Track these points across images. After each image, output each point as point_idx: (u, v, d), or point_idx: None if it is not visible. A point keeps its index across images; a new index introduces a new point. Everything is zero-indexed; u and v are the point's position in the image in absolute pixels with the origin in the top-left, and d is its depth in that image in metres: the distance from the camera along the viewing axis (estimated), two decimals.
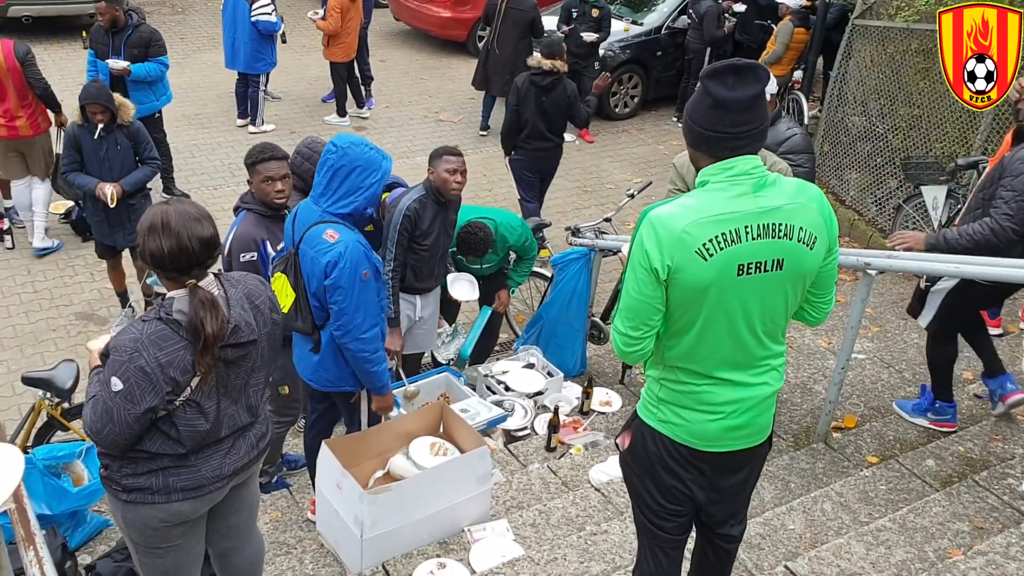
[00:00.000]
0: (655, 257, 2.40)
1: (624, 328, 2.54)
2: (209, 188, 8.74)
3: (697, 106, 2.47)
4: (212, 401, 2.79)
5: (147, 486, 2.83)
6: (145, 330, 2.65)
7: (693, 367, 2.55)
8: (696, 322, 2.47)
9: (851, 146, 8.62)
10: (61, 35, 11.83)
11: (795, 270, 2.48)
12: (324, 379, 4.08)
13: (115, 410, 2.63)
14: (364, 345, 3.85)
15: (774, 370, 2.63)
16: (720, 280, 2.40)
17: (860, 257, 4.43)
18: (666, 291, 2.45)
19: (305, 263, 3.84)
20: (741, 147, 2.42)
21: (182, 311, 2.67)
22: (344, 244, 3.72)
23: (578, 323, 5.89)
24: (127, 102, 6.06)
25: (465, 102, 11.43)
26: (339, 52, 9.97)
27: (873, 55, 8.34)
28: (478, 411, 5.08)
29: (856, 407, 5.29)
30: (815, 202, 2.49)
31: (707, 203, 2.42)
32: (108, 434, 2.67)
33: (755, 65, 2.42)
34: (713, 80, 2.41)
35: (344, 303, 3.76)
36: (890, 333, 6.33)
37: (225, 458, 2.95)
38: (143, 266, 2.81)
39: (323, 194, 3.81)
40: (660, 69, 11.24)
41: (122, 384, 2.62)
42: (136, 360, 2.61)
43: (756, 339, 2.53)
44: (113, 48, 7.58)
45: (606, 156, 10.35)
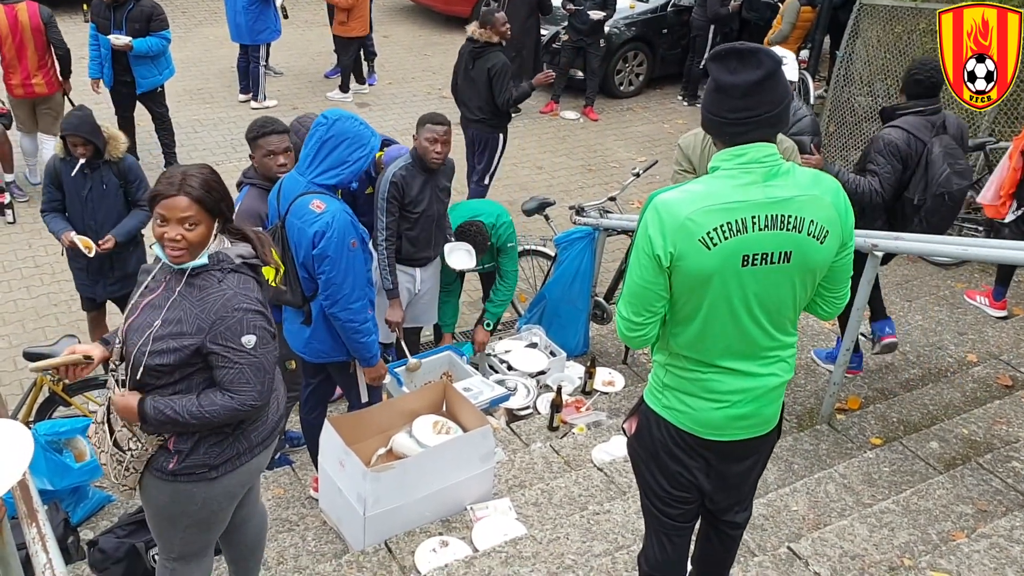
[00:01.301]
0: (658, 243, 2.36)
1: (627, 313, 2.51)
2: (211, 163, 8.65)
3: (706, 90, 2.45)
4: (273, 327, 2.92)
5: (234, 453, 2.90)
6: (229, 285, 2.72)
7: (698, 355, 2.52)
8: (700, 311, 2.43)
9: (857, 126, 8.56)
10: (62, 8, 11.72)
11: (803, 264, 2.42)
12: (317, 350, 4.08)
13: (262, 360, 2.74)
14: (352, 315, 3.86)
15: (783, 361, 2.58)
16: (723, 269, 2.36)
17: (867, 239, 4.40)
18: (669, 278, 2.41)
19: (292, 234, 3.84)
20: (742, 133, 2.36)
21: (240, 255, 2.79)
22: (331, 214, 3.72)
23: (581, 303, 5.87)
24: (117, 135, 5.08)
25: None
26: (357, 27, 9.85)
27: (880, 35, 8.26)
28: (481, 390, 5.07)
29: (860, 389, 5.27)
30: (830, 195, 2.42)
31: (715, 190, 2.37)
32: (266, 388, 2.79)
33: (759, 49, 2.35)
34: (716, 64, 2.36)
35: (332, 273, 3.76)
36: (894, 315, 6.28)
37: (278, 399, 3.07)
38: (209, 231, 2.74)
39: (310, 165, 3.82)
40: (665, 47, 11.17)
41: (255, 336, 2.71)
42: (249, 306, 2.71)
43: (761, 330, 2.48)
44: (115, 22, 7.53)
45: (610, 134, 10.30)
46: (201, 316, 2.68)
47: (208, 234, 2.74)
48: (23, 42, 7.22)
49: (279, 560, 3.94)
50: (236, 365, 2.69)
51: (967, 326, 6.02)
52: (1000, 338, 5.84)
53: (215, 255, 2.76)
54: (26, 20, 7.20)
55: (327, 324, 3.97)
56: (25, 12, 7.21)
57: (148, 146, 8.51)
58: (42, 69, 7.38)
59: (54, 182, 5.05)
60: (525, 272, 6.84)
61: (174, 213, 2.68)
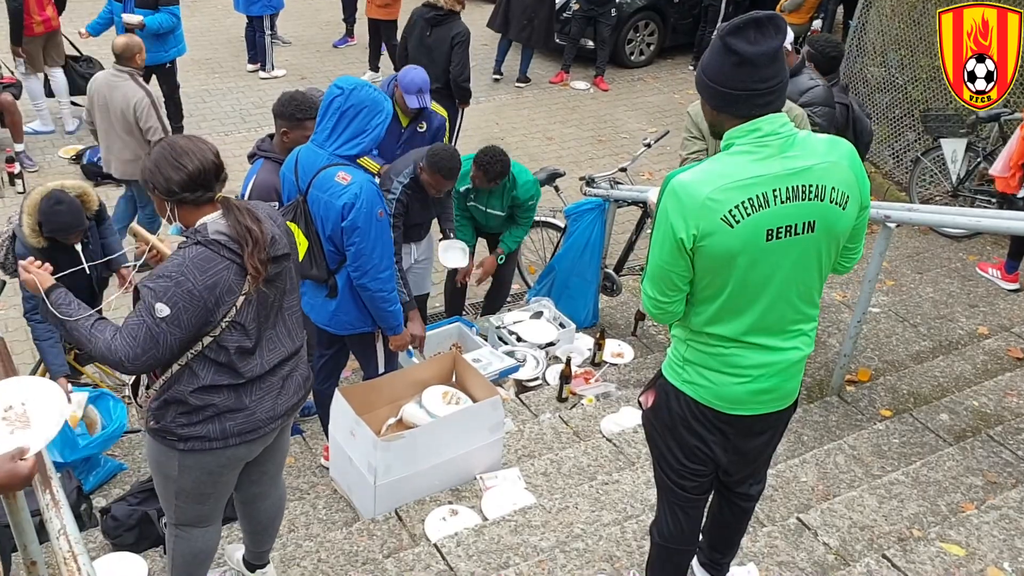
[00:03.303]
0: (679, 227, 2.33)
1: (652, 292, 2.50)
2: (220, 134, 8.68)
3: (719, 66, 2.33)
4: (254, 323, 2.81)
5: (204, 434, 2.86)
6: (187, 255, 2.66)
7: (721, 331, 2.50)
8: (725, 289, 2.40)
9: (869, 97, 8.47)
10: None
11: (828, 231, 2.40)
12: (343, 322, 4.09)
13: (161, 335, 2.64)
14: (382, 284, 3.88)
15: (805, 335, 2.56)
16: (748, 247, 2.33)
17: (880, 210, 4.35)
18: (692, 259, 2.38)
19: (318, 208, 3.81)
20: (770, 103, 2.32)
21: (219, 231, 2.70)
22: (359, 185, 3.70)
23: (591, 274, 5.86)
24: (88, 191, 4.57)
25: (479, 48, 11.24)
26: (395, 8, 9.65)
27: (894, 4, 8.15)
28: (490, 361, 5.08)
29: (870, 360, 5.26)
30: (847, 159, 2.40)
31: (733, 167, 2.33)
32: (148, 358, 2.67)
33: (774, 16, 2.30)
34: (735, 36, 2.28)
35: (362, 243, 3.76)
36: (905, 287, 6.28)
37: (277, 398, 2.98)
38: (157, 205, 2.66)
39: (329, 137, 3.77)
40: (677, 17, 11.06)
41: (169, 309, 2.62)
42: (183, 284, 2.62)
43: (789, 304, 2.46)
44: None
45: (621, 105, 10.23)
46: (155, 270, 2.71)
47: (158, 204, 2.78)
48: None
49: (290, 528, 3.97)
50: (139, 318, 2.66)
51: (978, 298, 6.00)
52: (1012, 310, 5.82)
53: (201, 224, 2.74)
54: None
55: (353, 295, 3.97)
56: None
57: None
58: (50, 3, 8.04)
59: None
60: (534, 243, 6.82)
61: None
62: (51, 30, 8.07)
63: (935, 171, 7.20)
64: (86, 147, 7.99)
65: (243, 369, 2.83)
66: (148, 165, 2.74)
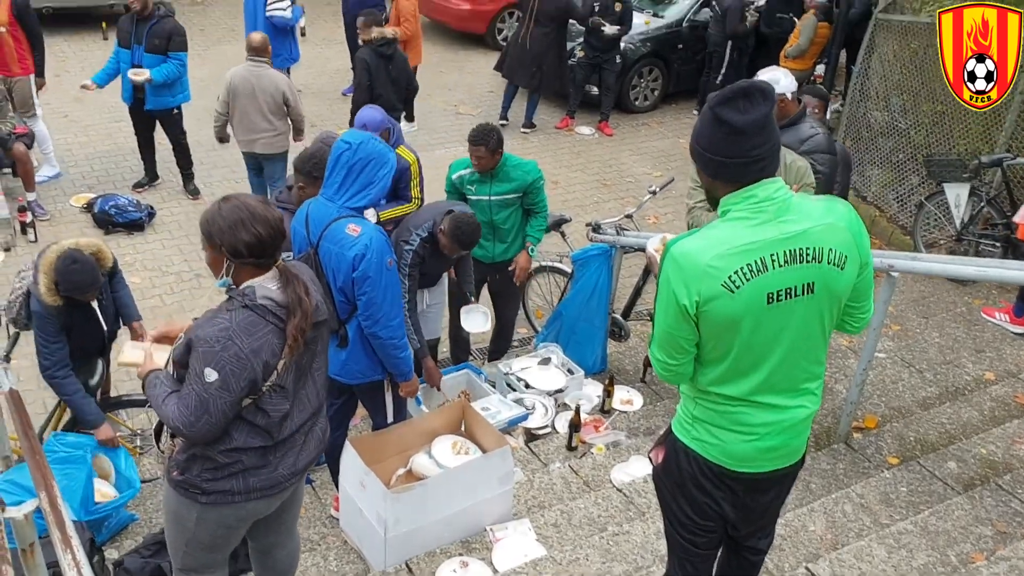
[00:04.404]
0: (682, 294, 2.39)
1: (660, 355, 2.56)
2: (231, 181, 8.79)
3: (711, 136, 2.39)
4: (292, 384, 2.88)
5: (227, 488, 2.92)
6: (234, 319, 2.72)
7: (729, 391, 2.55)
8: (730, 352, 2.46)
9: (872, 142, 8.57)
10: (81, 26, 11.90)
11: (827, 292, 2.46)
12: (354, 371, 4.14)
13: (211, 401, 2.70)
14: (392, 332, 3.96)
15: (811, 393, 2.61)
16: (750, 311, 2.39)
17: (883, 259, 4.41)
18: (696, 324, 2.44)
19: (329, 259, 3.88)
20: (763, 168, 2.38)
21: (267, 296, 2.77)
22: (368, 236, 3.80)
23: (599, 320, 5.90)
24: (102, 248, 4.57)
25: (484, 95, 11.44)
26: (414, 56, 9.88)
27: (896, 50, 8.27)
28: (499, 409, 5.10)
29: (877, 407, 5.28)
30: (844, 220, 2.46)
31: (731, 233, 2.39)
32: (203, 426, 2.74)
33: (761, 85, 2.38)
34: (725, 107, 2.35)
35: (373, 292, 3.85)
36: (911, 332, 6.30)
37: (299, 454, 3.04)
38: (212, 260, 2.74)
39: (339, 190, 3.88)
40: (681, 63, 11.20)
41: (217, 374, 2.68)
42: (230, 348, 2.68)
43: (794, 364, 2.52)
44: (136, 36, 7.62)
45: (625, 149, 10.33)
46: (199, 329, 2.76)
47: (215, 261, 2.84)
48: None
49: None
50: (190, 387, 2.74)
51: (984, 343, 6.02)
52: (1019, 356, 5.83)
53: (248, 287, 2.79)
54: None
55: (364, 344, 4.04)
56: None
57: (168, 164, 8.60)
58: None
59: (61, 329, 4.37)
60: (542, 288, 6.88)
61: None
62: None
63: (939, 215, 7.25)
64: (97, 196, 8.09)
65: (277, 432, 2.90)
66: (221, 224, 2.77)
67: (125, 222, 7.82)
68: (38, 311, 4.33)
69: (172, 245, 7.70)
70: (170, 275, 7.27)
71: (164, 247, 7.68)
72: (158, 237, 7.84)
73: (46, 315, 4.31)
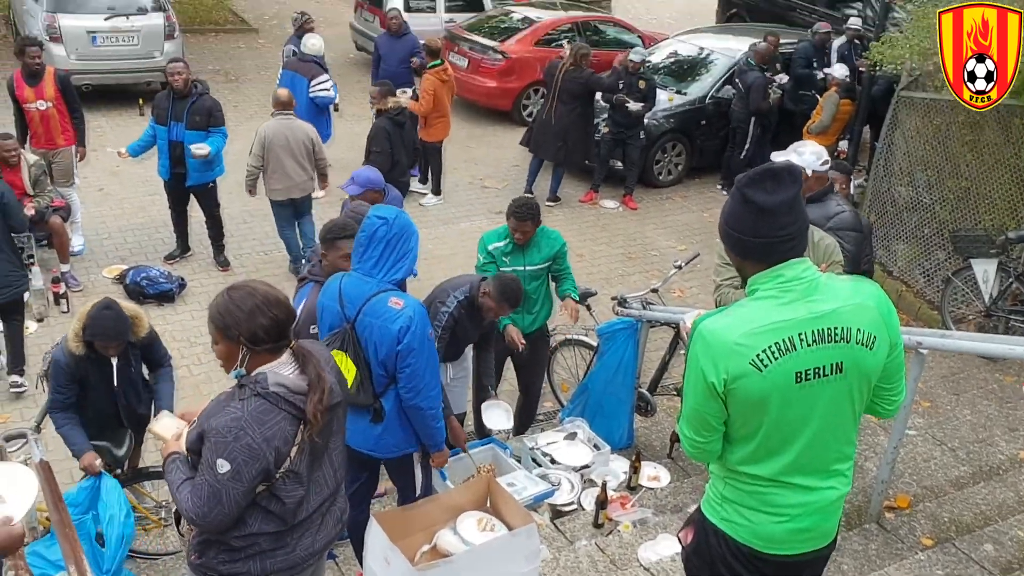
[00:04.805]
0: (710, 371, 2.40)
1: (689, 432, 2.57)
2: (260, 254, 8.92)
3: (740, 215, 2.45)
4: (306, 469, 2.86)
5: (245, 571, 2.90)
6: (246, 408, 2.71)
7: (758, 471, 2.53)
8: (759, 431, 2.46)
9: (898, 217, 8.58)
10: (119, 103, 12.23)
11: (857, 372, 2.46)
12: (389, 445, 4.17)
13: (223, 492, 2.68)
14: (432, 402, 4.04)
15: (842, 475, 2.60)
16: (778, 390, 2.39)
17: (912, 336, 4.38)
18: (725, 402, 2.44)
19: (371, 333, 3.93)
20: (791, 248, 2.42)
21: (279, 383, 2.76)
22: (411, 308, 3.90)
23: (625, 394, 5.87)
24: (139, 313, 4.72)
25: (510, 169, 11.59)
26: (438, 131, 10.12)
27: (919, 126, 8.34)
28: (525, 485, 5.06)
29: (908, 486, 5.19)
30: (872, 299, 2.47)
31: (759, 312, 2.42)
32: (216, 516, 2.72)
33: (789, 167, 2.44)
34: (753, 188, 2.40)
35: (417, 364, 3.92)
36: (941, 409, 6.23)
37: (316, 534, 3.02)
38: (226, 352, 2.80)
39: (377, 265, 3.96)
40: (704, 138, 11.33)
41: (229, 465, 2.66)
42: (242, 439, 2.67)
43: (825, 444, 2.51)
44: (174, 115, 7.84)
45: (650, 223, 10.40)
46: (210, 416, 2.76)
47: (229, 352, 2.81)
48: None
49: None
50: (202, 476, 2.74)
51: (1018, 421, 5.93)
52: None
53: (260, 374, 2.77)
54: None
55: (400, 418, 4.07)
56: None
57: (199, 236, 8.75)
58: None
59: (72, 379, 4.51)
60: (567, 362, 6.87)
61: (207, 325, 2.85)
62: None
63: (967, 291, 7.22)
64: (129, 267, 8.23)
65: (291, 517, 2.88)
66: (237, 314, 2.75)
67: (156, 293, 7.93)
68: (57, 358, 4.49)
69: (201, 316, 7.76)
70: (198, 346, 7.34)
71: (193, 318, 7.77)
72: (188, 308, 7.94)
73: (63, 363, 4.46)
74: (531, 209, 5.50)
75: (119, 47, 12.01)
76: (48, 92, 8.08)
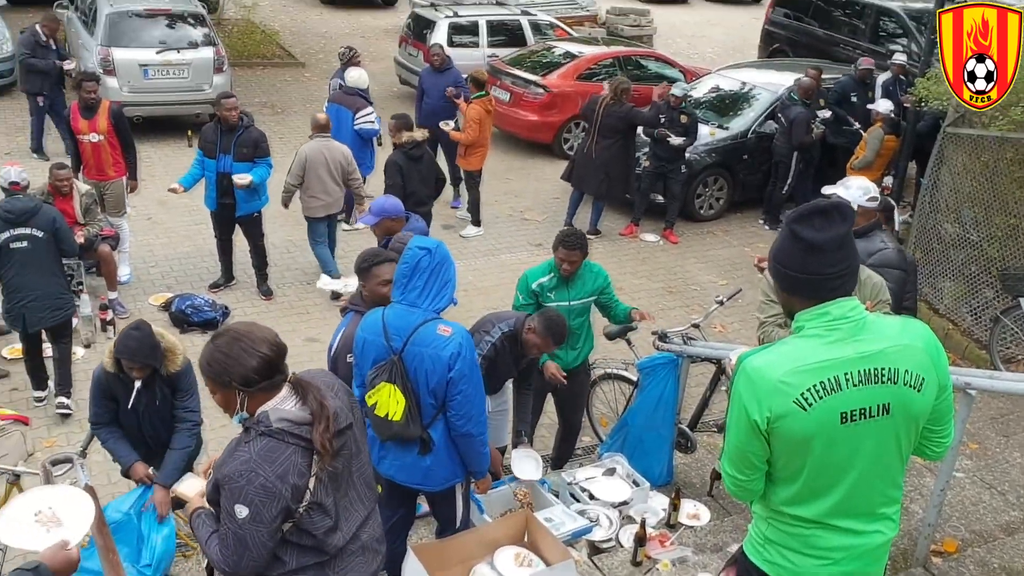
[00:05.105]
0: (753, 409, 2.38)
1: (731, 470, 2.54)
2: (303, 283, 9.02)
3: (788, 252, 2.44)
4: (329, 496, 2.85)
5: None
6: (253, 449, 2.72)
7: (801, 512, 2.50)
8: (803, 471, 2.43)
9: (944, 254, 8.45)
10: (168, 134, 12.50)
11: (904, 414, 2.42)
12: (440, 477, 4.18)
13: (248, 536, 2.69)
14: (482, 428, 4.09)
15: (889, 518, 2.55)
16: (823, 430, 2.36)
17: (960, 377, 4.30)
18: (768, 440, 2.41)
19: (421, 362, 3.95)
20: (839, 287, 2.39)
21: (282, 418, 2.76)
22: (459, 334, 3.96)
23: (665, 430, 5.82)
24: (175, 346, 4.76)
25: (550, 201, 11.63)
26: (476, 160, 10.25)
27: (966, 163, 8.24)
28: (563, 520, 5.02)
29: (956, 530, 5.07)
30: (921, 340, 2.44)
31: (804, 350, 2.39)
32: (247, 563, 2.73)
33: (839, 205, 2.42)
34: (801, 224, 2.39)
35: (468, 389, 3.97)
36: (990, 451, 6.09)
37: (361, 565, 3.01)
38: (225, 400, 2.86)
39: (422, 294, 4.00)
40: (746, 172, 11.29)
41: (248, 509, 2.67)
42: (255, 480, 2.67)
43: (871, 487, 2.47)
44: (222, 147, 8.02)
45: (691, 257, 10.36)
46: (222, 465, 2.78)
47: (228, 399, 2.82)
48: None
49: None
50: (224, 526, 2.75)
51: None
52: None
53: (262, 414, 2.78)
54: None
55: (448, 448, 4.09)
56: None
57: (243, 265, 8.87)
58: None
59: (105, 394, 4.69)
60: (606, 396, 6.83)
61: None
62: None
63: (1016, 330, 7.09)
64: (175, 295, 8.36)
65: (328, 547, 2.87)
66: (223, 360, 2.76)
67: (200, 321, 8.04)
68: (95, 373, 4.74)
69: None
70: None
71: None
72: None
73: (97, 377, 4.71)
74: (579, 239, 5.53)
75: (170, 80, 12.31)
76: (101, 125, 8.31)
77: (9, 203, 6.38)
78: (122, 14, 12.21)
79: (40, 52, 10.97)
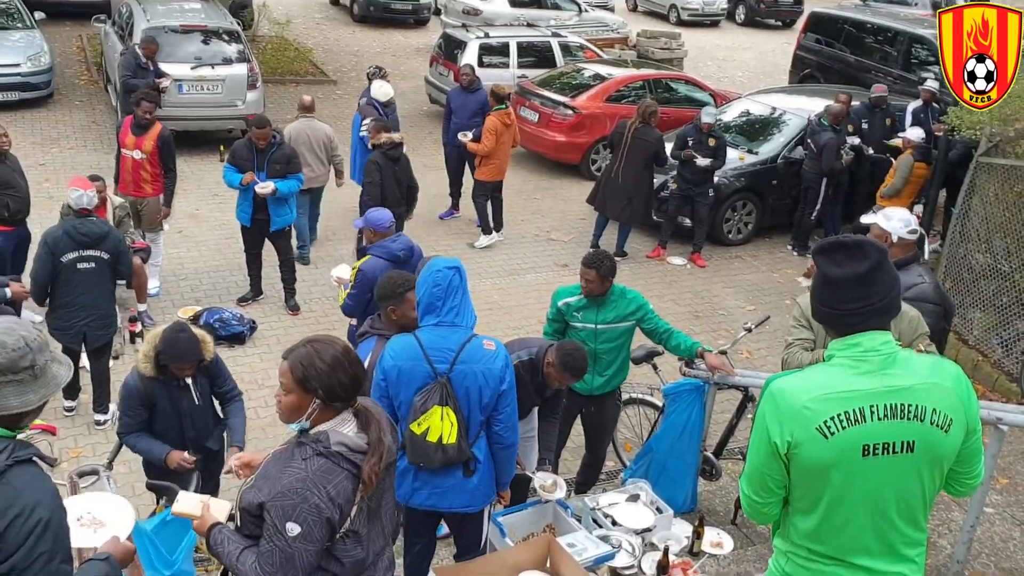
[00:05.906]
0: (775, 431, 2.38)
1: (748, 491, 2.53)
2: (329, 299, 9.06)
3: (816, 283, 2.48)
4: (365, 527, 2.85)
5: None
6: (309, 467, 2.70)
7: (819, 548, 2.48)
8: (820, 503, 2.41)
9: (974, 284, 8.37)
10: (200, 148, 12.64)
11: (929, 454, 2.39)
12: (483, 496, 4.23)
13: (296, 555, 2.65)
14: (516, 436, 4.16)
15: (912, 561, 2.51)
16: (843, 461, 2.34)
17: (991, 412, 4.25)
18: (787, 465, 2.40)
19: (473, 380, 3.97)
20: (856, 324, 2.39)
21: (341, 442, 2.75)
22: (500, 347, 4.05)
23: (690, 457, 5.78)
24: (204, 335, 4.91)
25: (576, 222, 11.63)
26: (488, 172, 10.39)
27: (999, 192, 8.17)
28: (585, 546, 4.98)
29: (986, 567, 4.99)
30: (951, 381, 2.41)
31: (832, 379, 2.38)
32: None
33: (864, 241, 2.40)
34: (823, 257, 2.42)
35: (514, 400, 4.07)
36: (1020, 487, 6.00)
37: None
38: (297, 404, 2.81)
39: (460, 314, 4.03)
40: (775, 197, 11.25)
41: (300, 527, 2.64)
42: (309, 499, 2.65)
43: (891, 525, 2.43)
44: (257, 165, 8.16)
45: (718, 281, 10.32)
46: (273, 481, 2.74)
47: (300, 404, 2.78)
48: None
49: None
50: (271, 543, 2.69)
51: None
52: None
53: (321, 432, 2.77)
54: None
55: (489, 464, 4.14)
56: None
57: (272, 280, 8.94)
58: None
59: (143, 402, 4.74)
60: (630, 420, 6.80)
61: (279, 374, 2.85)
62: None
63: None
64: (203, 308, 8.43)
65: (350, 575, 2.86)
66: (321, 367, 2.74)
67: (228, 335, 8.10)
68: (128, 382, 4.77)
69: (270, 359, 7.92)
70: (266, 388, 7.45)
71: (262, 360, 7.91)
72: (257, 351, 8.09)
73: (133, 387, 4.73)
74: (596, 258, 5.46)
75: (204, 95, 12.48)
76: (147, 145, 8.43)
77: (84, 225, 6.50)
78: (158, 29, 12.40)
79: (140, 73, 11.19)
